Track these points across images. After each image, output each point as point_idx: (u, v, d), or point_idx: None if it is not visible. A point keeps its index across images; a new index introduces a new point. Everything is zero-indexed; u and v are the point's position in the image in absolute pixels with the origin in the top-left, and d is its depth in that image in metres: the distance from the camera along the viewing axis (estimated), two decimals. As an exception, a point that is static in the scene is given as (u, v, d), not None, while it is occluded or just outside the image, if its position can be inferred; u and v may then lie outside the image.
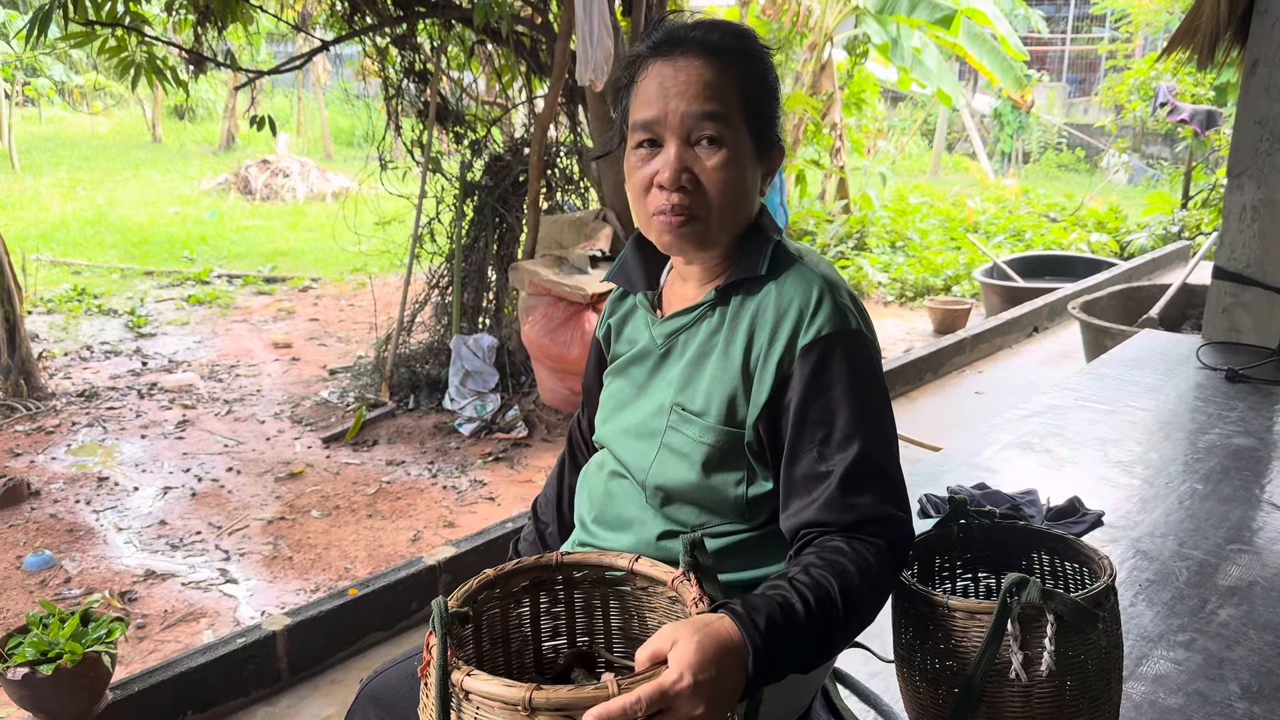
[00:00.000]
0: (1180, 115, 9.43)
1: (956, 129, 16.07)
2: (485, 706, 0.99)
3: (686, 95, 1.22)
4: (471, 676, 0.99)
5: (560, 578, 1.29)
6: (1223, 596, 2.01)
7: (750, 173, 1.27)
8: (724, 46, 1.24)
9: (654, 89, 1.24)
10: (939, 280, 8.00)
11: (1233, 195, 3.74)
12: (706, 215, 1.25)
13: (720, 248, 1.30)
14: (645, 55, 1.27)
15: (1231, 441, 2.84)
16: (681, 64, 1.23)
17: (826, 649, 1.12)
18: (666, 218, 1.25)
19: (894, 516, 1.19)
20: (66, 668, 2.26)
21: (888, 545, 1.18)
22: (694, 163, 1.23)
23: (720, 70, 1.23)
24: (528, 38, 5.27)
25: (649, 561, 1.22)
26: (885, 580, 1.19)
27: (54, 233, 9.68)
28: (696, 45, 1.24)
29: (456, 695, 1.01)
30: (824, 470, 1.20)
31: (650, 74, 1.25)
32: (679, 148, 1.23)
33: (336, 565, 3.56)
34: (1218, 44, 3.79)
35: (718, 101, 1.22)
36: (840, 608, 1.11)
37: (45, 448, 4.61)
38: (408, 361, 5.42)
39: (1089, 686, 1.26)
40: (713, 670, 0.98)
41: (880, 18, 9.01)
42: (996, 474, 2.58)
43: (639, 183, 1.27)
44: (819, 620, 1.09)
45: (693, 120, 1.22)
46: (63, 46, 10.40)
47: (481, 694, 0.98)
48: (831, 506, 1.18)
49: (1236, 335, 3.77)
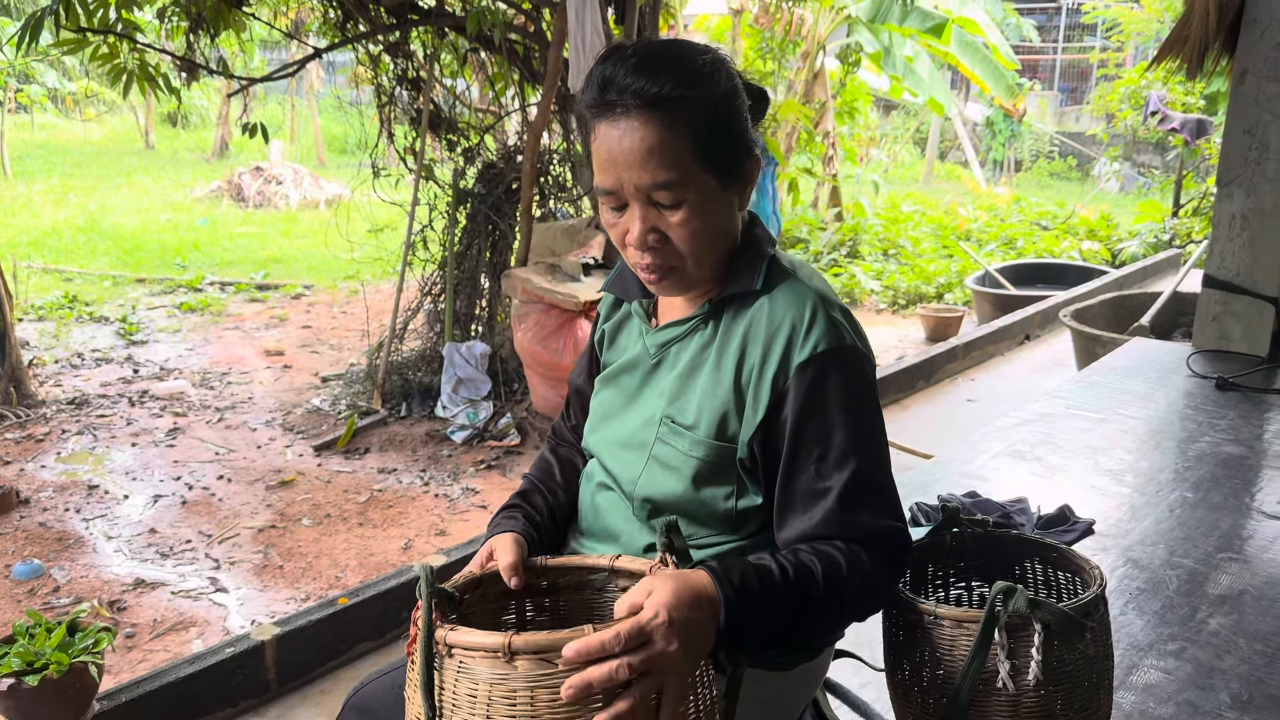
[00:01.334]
0: (1171, 124, 9.47)
1: (949, 137, 16.12)
2: (467, 658, 1.01)
3: (634, 165, 1.17)
4: (454, 631, 1.02)
5: (545, 584, 1.30)
6: (1213, 605, 2.02)
7: (721, 209, 1.24)
8: (664, 97, 1.16)
9: (604, 155, 1.20)
10: (931, 288, 8.01)
11: (1222, 204, 3.75)
12: (681, 265, 1.25)
13: (706, 282, 1.29)
14: (590, 114, 1.21)
15: (1221, 449, 2.84)
16: (624, 127, 1.17)
17: (803, 625, 1.13)
18: (645, 273, 1.26)
19: (892, 529, 1.21)
20: (52, 678, 2.24)
21: (888, 555, 1.20)
22: (658, 221, 1.21)
23: (664, 125, 1.16)
24: (521, 46, 5.28)
25: (629, 558, 1.25)
26: (879, 582, 1.20)
27: (46, 240, 9.65)
28: (634, 98, 1.16)
29: (440, 654, 1.03)
30: (822, 488, 1.20)
31: (599, 136, 1.20)
32: (642, 209, 1.21)
33: (327, 574, 3.54)
34: (1207, 53, 3.81)
35: (666, 167, 1.17)
36: (821, 587, 1.13)
37: (35, 455, 4.59)
38: (400, 369, 5.41)
39: (1077, 696, 1.26)
40: (687, 612, 1.02)
41: (872, 27, 9.04)
42: (988, 482, 2.58)
43: (615, 237, 1.27)
44: (795, 591, 1.12)
45: (646, 189, 1.19)
46: (55, 53, 10.39)
47: (464, 645, 1.01)
48: (830, 523, 1.19)
49: (1226, 343, 3.78)
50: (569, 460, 1.51)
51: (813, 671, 1.38)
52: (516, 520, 1.36)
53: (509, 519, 1.37)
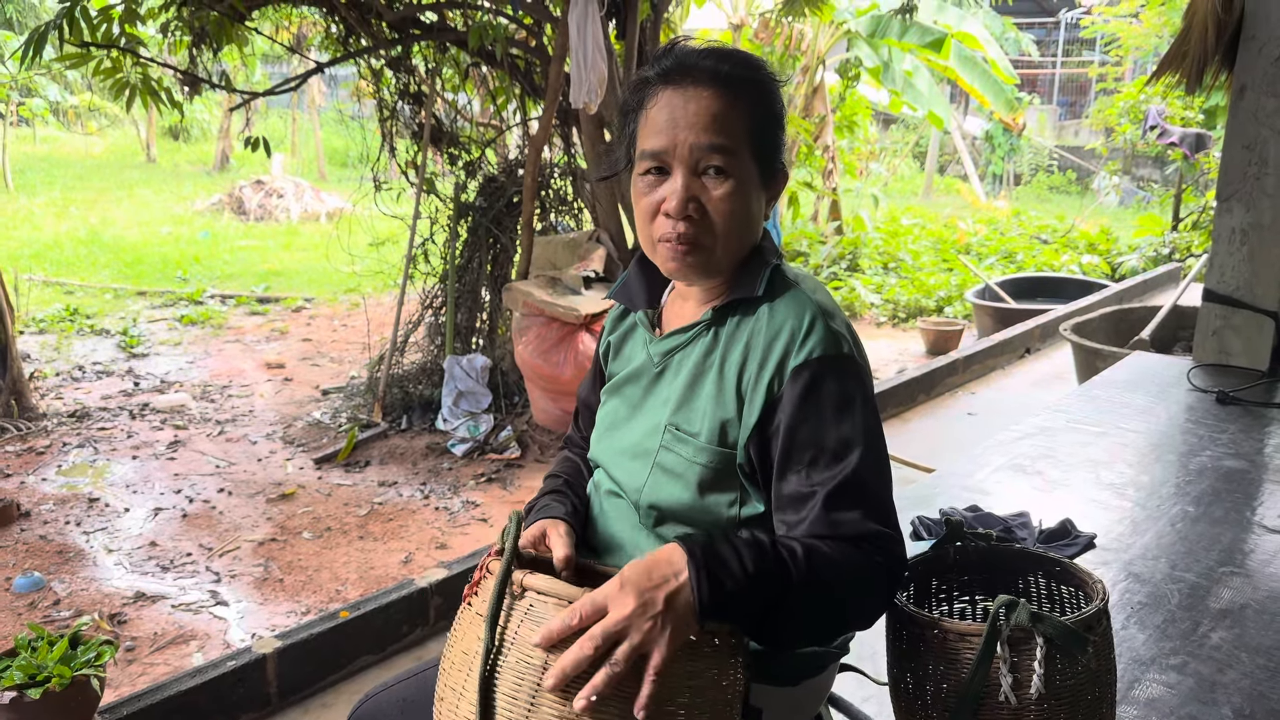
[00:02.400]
0: (1170, 138, 9.51)
1: (948, 151, 16.17)
2: (539, 602, 1.05)
3: (695, 127, 1.23)
4: (532, 575, 1.07)
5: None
6: (1215, 619, 2.01)
7: (755, 201, 1.29)
8: (734, 77, 1.25)
9: (663, 118, 1.25)
10: (931, 301, 8.03)
11: (1222, 219, 3.76)
12: (712, 244, 1.26)
13: (723, 274, 1.31)
14: (655, 82, 1.27)
15: (1223, 464, 2.84)
16: (691, 94, 1.24)
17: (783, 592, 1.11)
18: (672, 246, 1.26)
19: (883, 534, 1.19)
20: (55, 691, 2.24)
21: (882, 560, 1.18)
22: (700, 192, 1.25)
23: (729, 102, 1.24)
24: (522, 60, 5.30)
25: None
26: (869, 581, 1.17)
27: (47, 252, 9.67)
28: (707, 75, 1.24)
29: (512, 595, 1.07)
30: (809, 490, 1.20)
31: (660, 102, 1.26)
32: (686, 177, 1.24)
33: (328, 587, 3.54)
34: (1206, 68, 3.83)
35: (726, 134, 1.23)
36: (801, 559, 1.12)
37: (35, 468, 4.59)
38: (401, 382, 5.42)
39: (1080, 710, 1.26)
40: (644, 575, 1.05)
41: (872, 41, 9.09)
42: (989, 496, 2.58)
43: (646, 208, 1.28)
44: (770, 553, 1.12)
45: (701, 151, 1.23)
46: (58, 67, 10.42)
47: (541, 590, 1.05)
48: (818, 524, 1.18)
49: (1227, 357, 3.79)
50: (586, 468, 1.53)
51: (817, 686, 1.38)
52: (565, 506, 1.40)
53: (558, 501, 1.40)
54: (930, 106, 9.76)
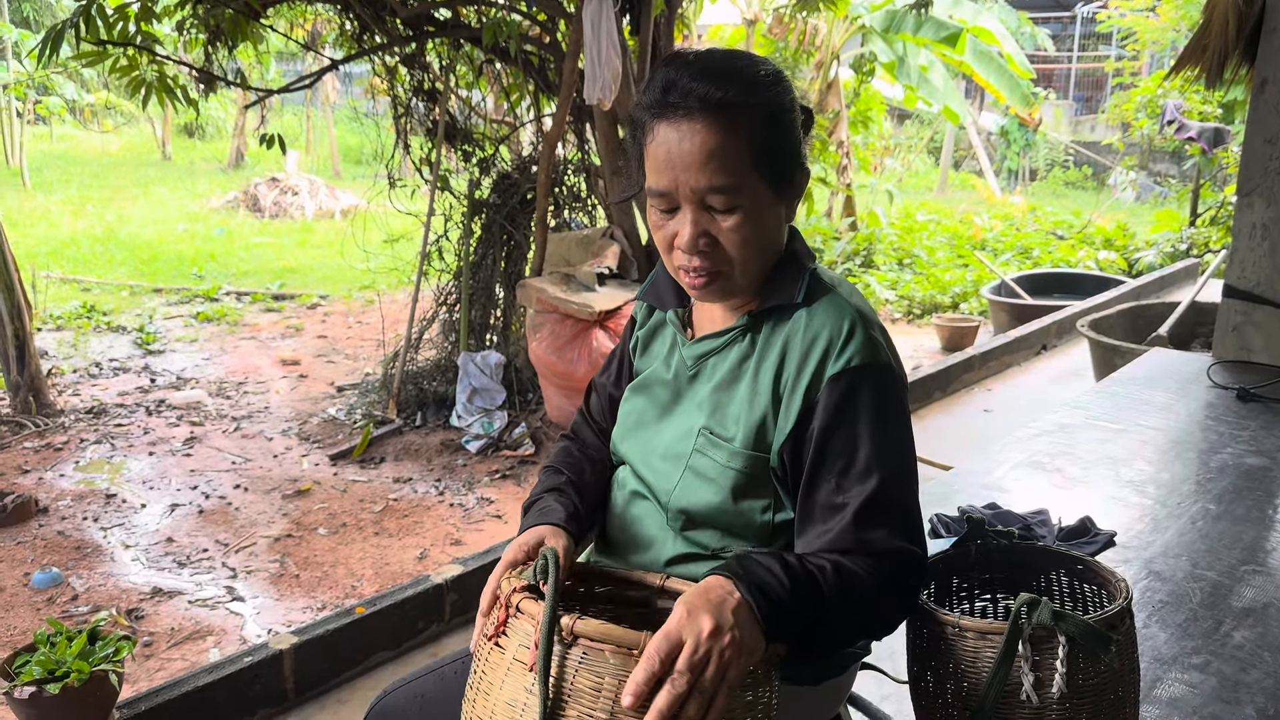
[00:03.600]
0: (1188, 133, 9.43)
1: (963, 147, 16.10)
2: (594, 649, 0.99)
3: (693, 168, 1.18)
4: (583, 621, 1.00)
5: (581, 590, 1.29)
6: (1237, 618, 1.99)
7: (770, 219, 1.25)
8: (728, 103, 1.18)
9: (662, 156, 1.20)
10: (946, 298, 7.99)
11: (1242, 214, 3.73)
12: (729, 270, 1.24)
13: (748, 292, 1.29)
14: (649, 116, 1.22)
15: (1244, 461, 2.82)
16: (685, 130, 1.18)
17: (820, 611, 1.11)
18: (690, 278, 1.25)
19: (907, 551, 1.19)
20: (73, 687, 2.25)
21: (900, 574, 1.19)
22: (710, 225, 1.22)
23: (726, 130, 1.17)
24: (536, 57, 5.30)
25: (681, 580, 1.24)
26: (891, 598, 1.18)
27: (64, 250, 9.73)
28: (699, 103, 1.17)
29: (561, 642, 1.01)
30: (840, 501, 1.19)
31: (657, 138, 1.20)
32: (694, 212, 1.21)
33: (343, 583, 3.55)
34: (1226, 62, 3.79)
35: (725, 172, 1.18)
36: (832, 577, 1.12)
37: (53, 464, 4.61)
38: (415, 379, 5.43)
39: (1103, 710, 1.25)
40: (703, 598, 1.02)
41: (886, 36, 9.04)
42: (1007, 493, 2.56)
43: (662, 240, 1.26)
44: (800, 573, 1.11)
45: (702, 192, 1.20)
46: (74, 65, 10.48)
47: (595, 636, 0.99)
48: (844, 538, 1.18)
49: (1247, 354, 3.75)
50: (599, 462, 1.47)
51: (838, 686, 1.38)
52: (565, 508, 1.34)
53: (558, 503, 1.35)
54: (945, 102, 9.71)
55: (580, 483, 1.41)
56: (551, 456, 1.49)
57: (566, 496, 1.37)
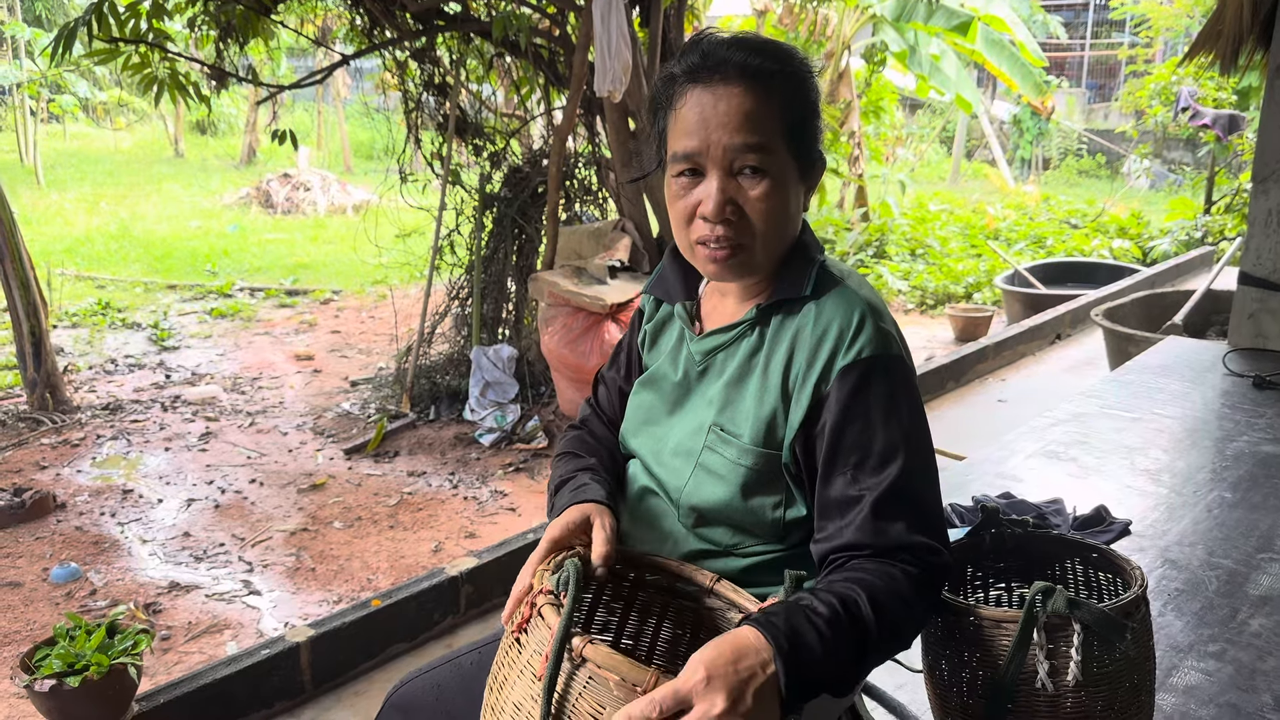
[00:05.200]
0: (1203, 120, 9.36)
1: (975, 136, 16.01)
2: (599, 677, 0.99)
3: (728, 127, 1.18)
4: (595, 646, 0.99)
5: (632, 575, 1.29)
6: (1254, 606, 1.99)
7: (794, 197, 1.25)
8: (765, 70, 1.20)
9: (694, 118, 1.20)
10: (960, 288, 7.96)
11: (1258, 200, 3.70)
12: (751, 244, 1.23)
13: (764, 272, 1.28)
14: (682, 80, 1.22)
15: (1260, 449, 2.80)
16: (721, 92, 1.19)
17: (860, 655, 1.08)
18: (711, 251, 1.23)
19: (927, 545, 1.16)
20: (93, 680, 2.27)
21: (921, 572, 1.15)
22: (737, 193, 1.21)
23: (761, 97, 1.19)
24: (546, 50, 5.29)
25: (732, 587, 1.22)
26: (917, 604, 1.15)
27: (78, 247, 9.79)
28: (736, 70, 1.19)
29: (571, 661, 1.00)
30: (856, 494, 1.17)
31: (689, 101, 1.21)
32: (721, 179, 1.20)
33: (359, 576, 3.56)
34: (1241, 48, 3.76)
35: (760, 132, 1.19)
36: (869, 613, 1.08)
37: (70, 460, 4.65)
38: (428, 373, 5.44)
39: (1119, 697, 1.25)
40: (730, 668, 0.98)
41: (898, 25, 9.00)
42: (1022, 483, 2.56)
43: (681, 211, 1.24)
44: (844, 621, 1.07)
45: (735, 152, 1.19)
46: (87, 63, 10.53)
47: (601, 664, 0.98)
48: (863, 531, 1.16)
49: (1263, 341, 3.73)
50: (611, 452, 1.45)
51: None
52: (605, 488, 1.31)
53: (597, 482, 1.32)
54: (958, 90, 9.66)
55: (604, 465, 1.40)
56: (566, 443, 1.47)
57: (600, 476, 1.35)
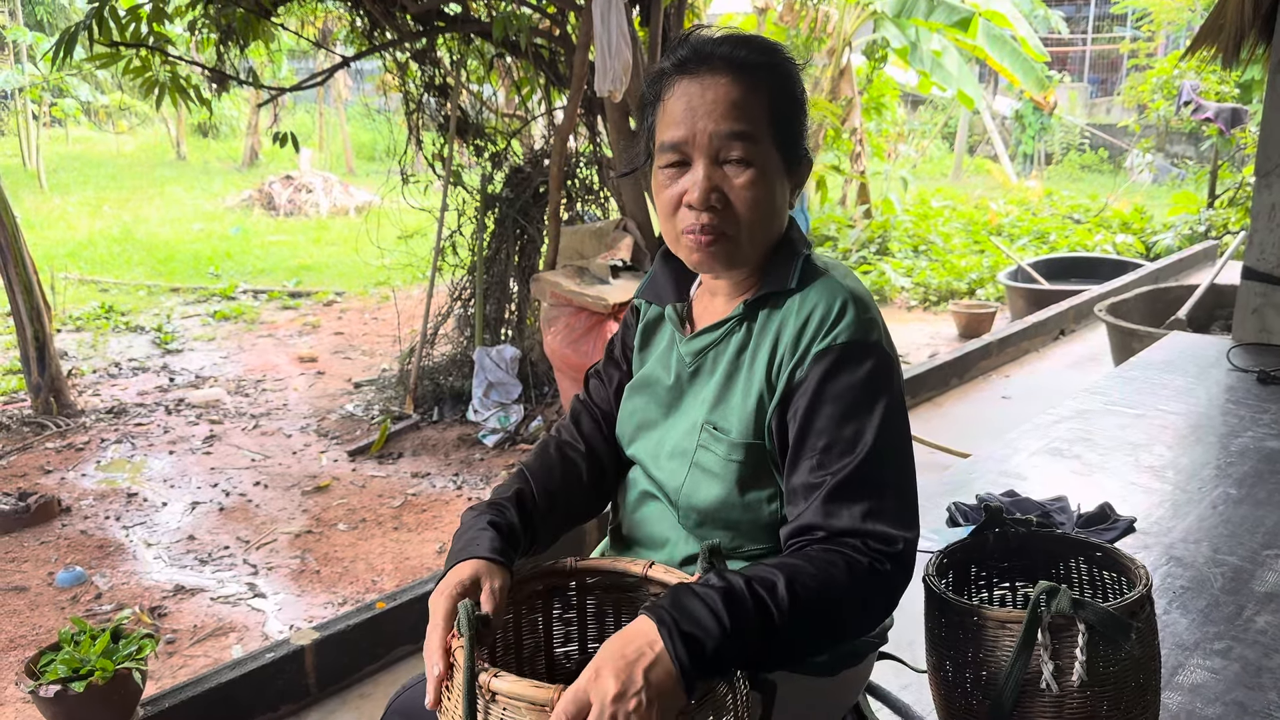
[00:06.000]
0: (1205, 113, 9.34)
1: (977, 131, 15.97)
2: (512, 708, 1.00)
3: (714, 115, 1.20)
4: (499, 678, 1.01)
5: (574, 584, 1.30)
6: (1260, 603, 1.98)
7: (779, 189, 1.26)
8: (751, 63, 1.22)
9: (681, 108, 1.22)
10: (963, 284, 7.95)
11: (1261, 194, 3.69)
12: (736, 233, 1.24)
13: (749, 264, 1.28)
14: (670, 73, 1.25)
15: (1265, 444, 2.79)
16: (709, 82, 1.21)
17: (767, 634, 1.06)
18: (696, 237, 1.24)
19: (881, 534, 1.13)
20: (98, 685, 2.27)
21: (869, 561, 1.12)
22: (722, 181, 1.22)
23: (748, 88, 1.21)
24: (546, 50, 5.29)
25: (663, 568, 1.23)
26: (854, 592, 1.12)
27: (81, 251, 9.80)
28: (723, 62, 1.22)
29: (483, 696, 1.02)
30: (818, 480, 1.17)
31: (677, 92, 1.23)
32: (707, 167, 1.22)
33: (364, 578, 3.57)
34: (1243, 41, 3.75)
35: (746, 121, 1.21)
36: (784, 594, 1.06)
37: (75, 464, 4.66)
38: (431, 374, 5.44)
39: (1124, 697, 1.24)
40: (617, 655, 0.99)
41: (898, 21, 8.98)
42: (1026, 480, 2.55)
43: (668, 201, 1.25)
44: (748, 599, 1.05)
45: (721, 140, 1.21)
46: (88, 67, 10.54)
47: (509, 694, 1.00)
48: (817, 514, 1.15)
49: (1268, 336, 3.72)
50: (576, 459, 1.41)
51: (854, 675, 1.37)
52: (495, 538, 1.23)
53: (487, 530, 1.24)
54: (959, 86, 9.63)
55: (542, 487, 1.35)
56: (529, 456, 1.43)
57: (503, 512, 1.29)
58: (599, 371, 1.50)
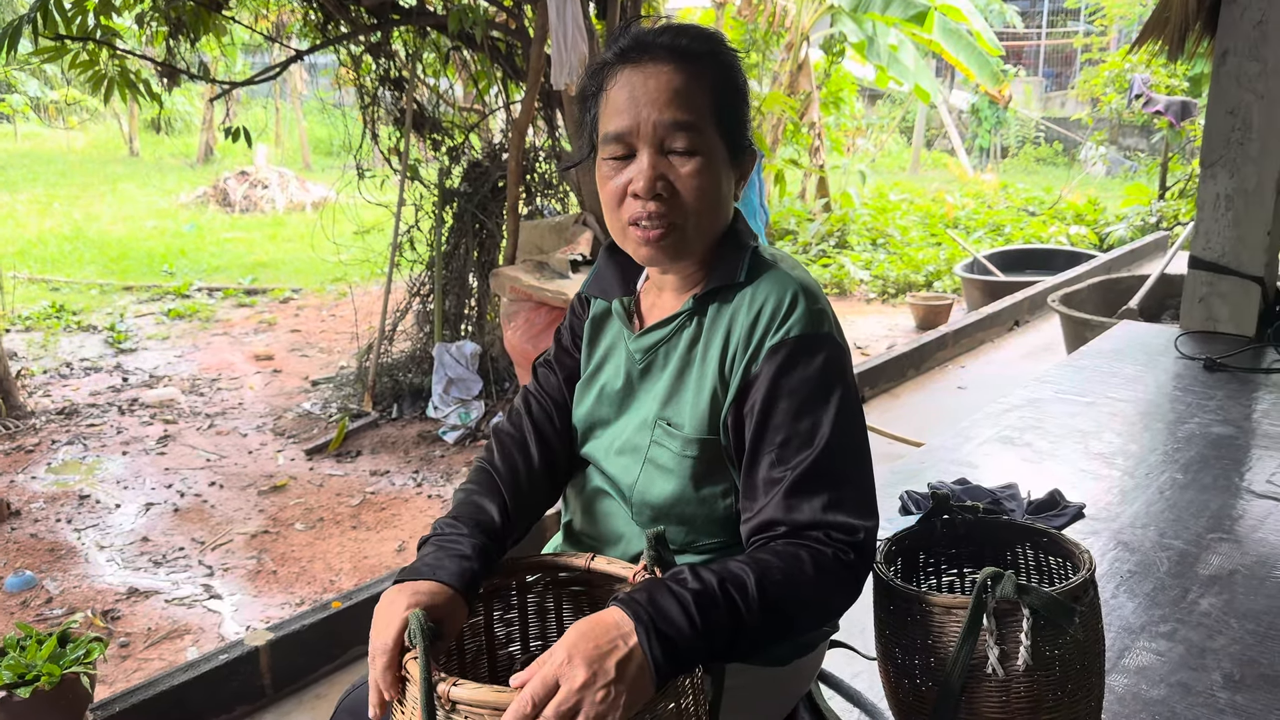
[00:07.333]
0: (1155, 106, 9.49)
1: (934, 125, 16.13)
2: (474, 715, 0.99)
3: (658, 103, 1.19)
4: (458, 686, 0.99)
5: (513, 583, 1.29)
6: (1204, 586, 2.02)
7: (725, 178, 1.25)
8: (693, 51, 1.22)
9: (624, 98, 1.21)
10: (920, 276, 8.03)
11: (1206, 185, 3.76)
12: (683, 223, 1.23)
13: (696, 256, 1.28)
14: (613, 63, 1.24)
15: (1210, 430, 2.85)
16: (651, 70, 1.20)
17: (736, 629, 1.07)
18: (643, 230, 1.22)
19: (842, 524, 1.15)
20: (44, 690, 2.23)
21: (833, 552, 1.14)
22: (668, 170, 1.21)
23: (691, 76, 1.21)
24: (503, 43, 5.26)
25: (605, 560, 1.23)
26: (821, 584, 1.13)
27: (31, 249, 9.60)
28: (665, 51, 1.21)
29: (443, 707, 1.00)
30: (778, 475, 1.17)
31: (619, 82, 1.22)
32: (652, 156, 1.21)
33: (321, 578, 3.53)
34: (1188, 35, 3.82)
35: (689, 109, 1.20)
36: (754, 591, 1.07)
37: (25, 467, 4.57)
38: (390, 370, 5.40)
39: (1069, 680, 1.26)
40: (590, 644, 0.99)
41: (856, 16, 9.04)
42: (977, 469, 2.58)
43: (612, 192, 1.24)
44: (719, 595, 1.06)
45: (665, 129, 1.20)
46: (35, 61, 10.32)
47: (470, 702, 0.98)
48: (778, 509, 1.16)
49: (1214, 324, 3.79)
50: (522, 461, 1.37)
51: (807, 665, 1.38)
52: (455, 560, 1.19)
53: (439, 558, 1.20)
54: (916, 81, 9.72)
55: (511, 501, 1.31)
56: (471, 470, 1.39)
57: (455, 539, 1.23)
58: (548, 361, 1.48)
